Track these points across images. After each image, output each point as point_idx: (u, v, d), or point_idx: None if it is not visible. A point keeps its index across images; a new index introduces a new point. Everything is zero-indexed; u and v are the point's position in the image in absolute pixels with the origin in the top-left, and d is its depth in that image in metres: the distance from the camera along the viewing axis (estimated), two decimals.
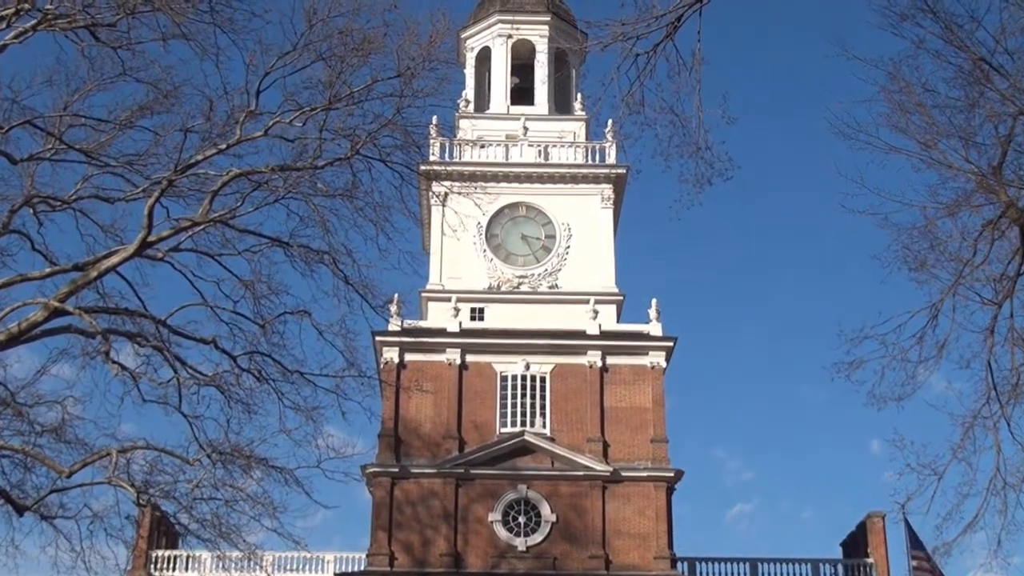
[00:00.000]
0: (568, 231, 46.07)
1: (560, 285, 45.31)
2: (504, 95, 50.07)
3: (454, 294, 44.26)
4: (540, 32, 50.59)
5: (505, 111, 49.60)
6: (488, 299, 44.88)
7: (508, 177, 46.56)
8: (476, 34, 51.62)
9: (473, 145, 47.29)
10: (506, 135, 48.18)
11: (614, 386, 43.26)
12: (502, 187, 45.90)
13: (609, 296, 44.97)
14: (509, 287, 45.18)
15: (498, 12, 51.02)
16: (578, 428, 42.60)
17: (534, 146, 47.55)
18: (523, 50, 51.06)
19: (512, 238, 46.08)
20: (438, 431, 42.39)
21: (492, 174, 46.11)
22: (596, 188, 46.68)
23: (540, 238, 46.18)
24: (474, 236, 45.14)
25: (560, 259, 45.67)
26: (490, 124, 48.87)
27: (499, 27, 50.79)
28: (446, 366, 43.10)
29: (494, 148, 47.52)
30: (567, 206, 46.46)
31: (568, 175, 46.76)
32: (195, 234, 25.57)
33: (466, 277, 45.23)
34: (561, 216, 46.31)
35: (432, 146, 45.71)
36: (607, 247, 45.86)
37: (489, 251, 45.60)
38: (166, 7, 22.71)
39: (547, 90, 49.78)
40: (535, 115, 49.19)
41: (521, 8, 51.18)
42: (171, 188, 24.78)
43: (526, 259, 45.83)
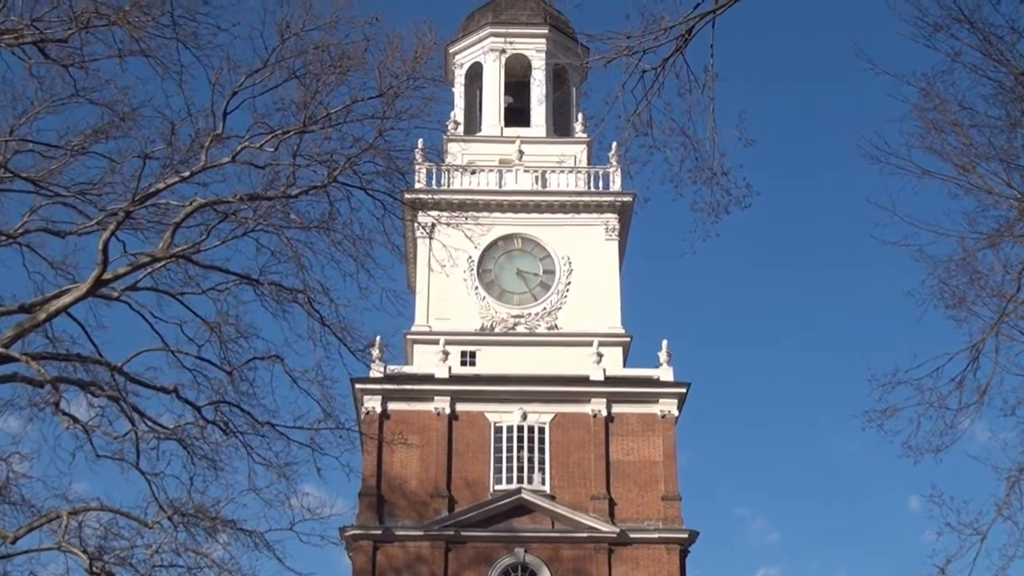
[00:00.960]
0: (568, 265, 46.11)
1: (560, 325, 45.29)
2: (497, 116, 50.24)
3: (442, 336, 44.22)
4: (537, 46, 50.86)
5: (498, 133, 49.76)
6: (480, 341, 44.83)
7: (502, 206, 46.64)
8: (466, 49, 51.88)
9: (463, 171, 47.41)
10: (500, 160, 48.30)
11: (621, 437, 43.14)
12: (495, 217, 45.97)
13: (615, 337, 44.94)
14: (504, 328, 45.14)
15: (490, 24, 51.28)
16: (581, 485, 42.44)
17: (530, 172, 47.66)
18: (518, 66, 51.30)
19: (507, 274, 46.10)
20: (425, 489, 42.21)
21: (484, 203, 46.19)
22: (600, 218, 46.76)
23: (538, 273, 46.20)
24: (464, 272, 45.16)
25: (560, 297, 45.68)
26: (482, 148, 49.02)
27: (491, 41, 51.06)
28: (434, 416, 43.00)
29: (486, 174, 47.62)
30: (567, 238, 46.53)
31: (568, 204, 46.86)
32: (155, 271, 25.56)
33: (456, 317, 45.20)
34: (561, 249, 46.36)
35: (418, 172, 45.82)
36: (612, 283, 45.89)
37: (481, 288, 45.61)
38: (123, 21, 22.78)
39: (545, 110, 49.98)
40: (531, 137, 49.34)
41: (515, 20, 51.47)
42: (128, 220, 24.76)
43: (522, 297, 45.84)
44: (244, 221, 25.72)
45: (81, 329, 25.64)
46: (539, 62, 50.33)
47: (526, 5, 52.40)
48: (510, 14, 51.92)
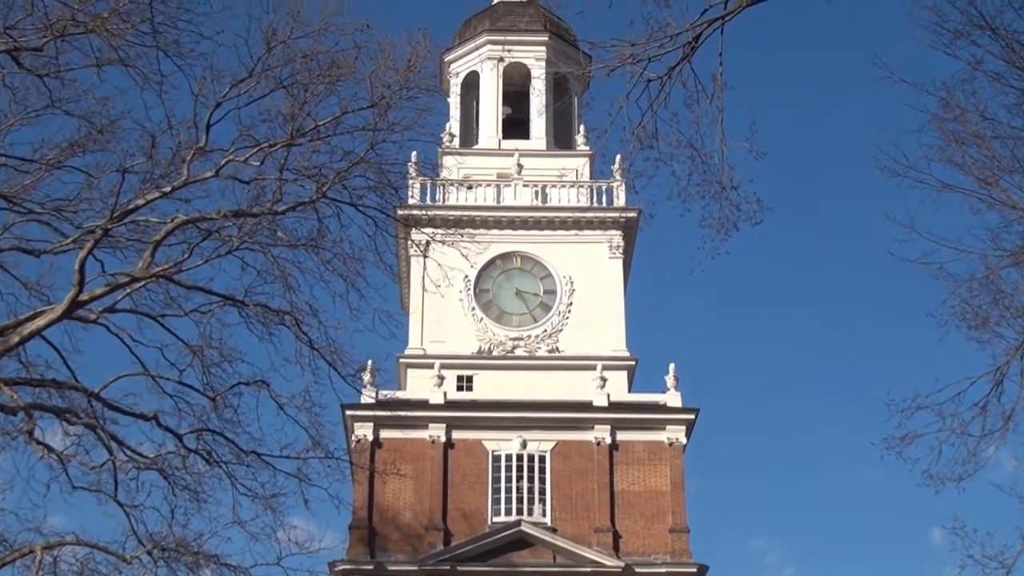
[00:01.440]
0: (571, 285, 46.12)
1: (562, 348, 45.27)
2: (495, 127, 50.32)
3: (438, 360, 44.18)
4: (536, 54, 50.97)
5: (496, 146, 49.83)
6: (478, 365, 44.79)
7: (500, 223, 46.68)
8: (462, 57, 51.99)
9: (459, 186, 47.43)
10: (497, 174, 48.35)
11: (626, 466, 43.08)
12: (493, 234, 46.01)
13: (619, 361, 44.92)
14: (502, 351, 45.12)
15: (487, 32, 51.40)
16: (584, 516, 42.34)
17: (530, 186, 47.72)
18: (516, 75, 51.40)
19: (505, 294, 46.11)
20: (419, 521, 42.11)
21: (481, 219, 46.22)
22: (603, 235, 46.79)
23: (538, 294, 46.21)
24: (461, 292, 45.17)
25: (562, 318, 45.67)
26: (479, 161, 49.09)
27: (488, 49, 51.17)
28: (429, 444, 42.94)
29: (483, 189, 47.67)
30: (569, 256, 46.55)
31: (570, 220, 46.89)
32: (134, 292, 25.53)
33: (452, 340, 45.18)
34: (562, 268, 46.38)
35: (411, 187, 45.83)
36: (617, 303, 45.89)
37: (478, 309, 45.61)
38: (101, 28, 22.80)
39: (545, 121, 50.04)
40: (531, 150, 49.41)
41: (514, 27, 51.57)
42: (106, 238, 24.75)
43: (522, 318, 45.83)
44: (228, 239, 25.70)
45: (56, 353, 25.59)
46: (539, 71, 50.42)
47: (525, 11, 52.54)
48: (508, 21, 52.03)
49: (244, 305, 26.32)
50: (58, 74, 23.98)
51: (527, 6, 52.97)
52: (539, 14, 51.85)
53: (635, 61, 17.91)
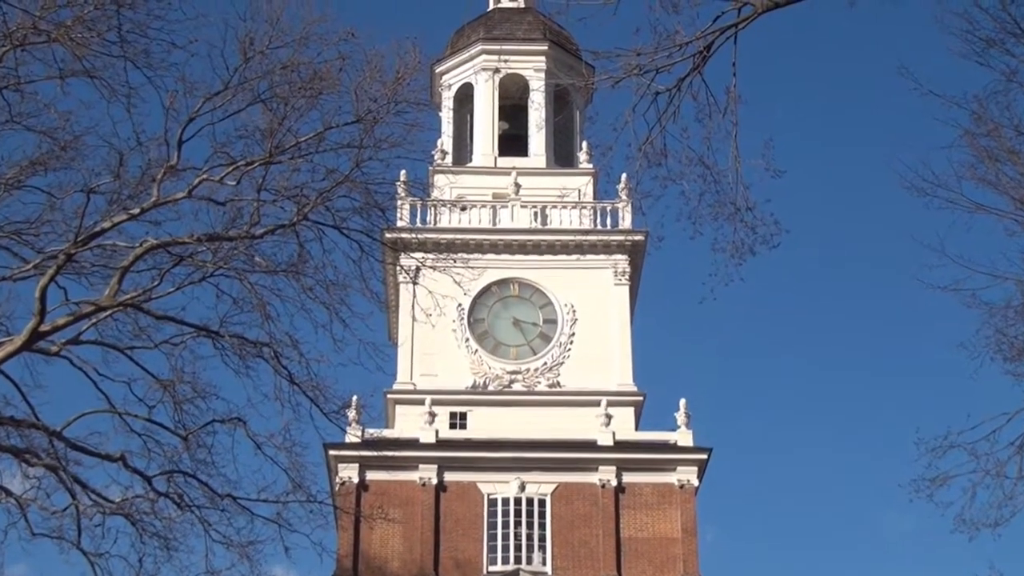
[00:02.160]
0: (572, 314, 46.12)
1: (563, 383, 45.25)
2: (490, 144, 50.41)
3: (429, 395, 44.14)
4: (535, 64, 51.09)
5: (492, 164, 49.91)
6: (472, 401, 44.75)
7: (496, 247, 46.73)
8: (454, 68, 52.11)
9: (451, 207, 47.52)
10: (493, 194, 48.42)
11: (633, 511, 42.98)
12: (488, 259, 46.03)
13: (626, 396, 44.89)
14: (498, 385, 45.09)
15: (482, 40, 51.56)
16: (588, 564, 42.23)
17: (528, 207, 47.79)
18: (514, 88, 51.52)
19: (502, 324, 46.10)
20: (409, 570, 41.97)
21: (476, 243, 46.27)
22: (607, 260, 46.84)
23: (537, 323, 46.21)
24: (454, 322, 45.15)
25: (563, 350, 45.66)
26: (473, 180, 49.15)
27: (483, 59, 51.29)
28: (419, 487, 42.86)
29: (478, 210, 47.73)
30: (571, 283, 46.57)
31: (572, 244, 46.94)
32: (100, 322, 25.52)
33: (444, 374, 45.14)
34: (564, 295, 46.39)
35: (400, 209, 45.87)
36: (622, 333, 45.88)
37: (473, 340, 45.59)
38: (64, 37, 22.87)
39: (544, 137, 50.13)
40: (529, 168, 49.49)
41: (511, 35, 51.73)
42: (70, 264, 24.75)
43: (520, 350, 45.81)
44: (202, 265, 25.72)
45: (15, 388, 25.57)
46: (538, 83, 50.47)
47: (522, 19, 52.70)
48: (505, 28, 52.19)
49: (219, 336, 26.32)
50: (18, 86, 24.03)
51: (525, 13, 53.14)
52: (538, 21, 51.97)
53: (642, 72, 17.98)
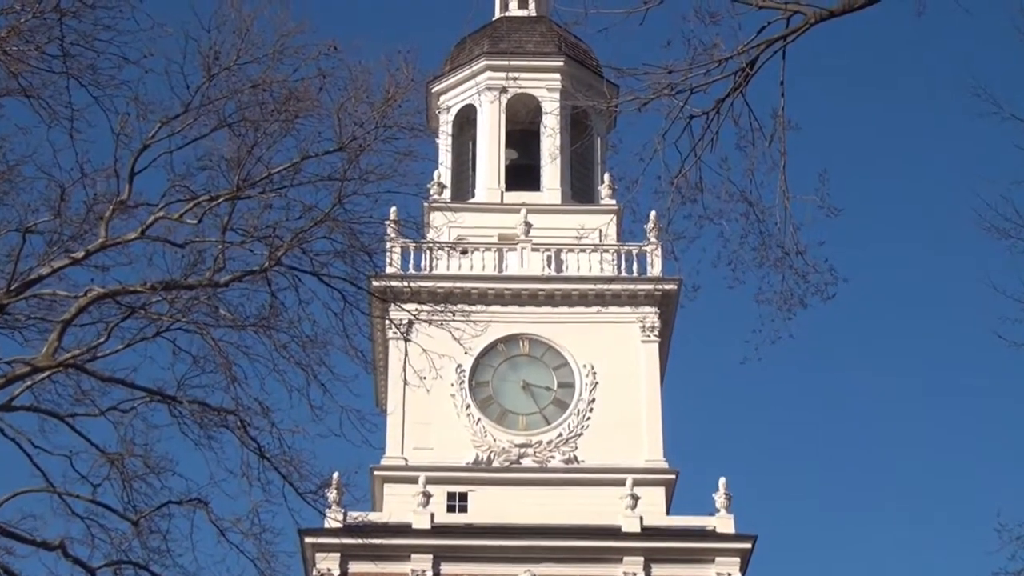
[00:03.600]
0: (592, 377, 46.08)
1: (582, 458, 45.17)
2: (496, 176, 50.52)
3: (423, 472, 44.06)
4: (549, 83, 51.24)
5: (498, 200, 50.02)
6: (474, 479, 44.68)
7: (502, 297, 46.76)
8: (454, 87, 52.28)
9: (450, 250, 47.55)
10: (499, 235, 48.48)
11: None
12: (494, 312, 46.06)
13: (655, 474, 44.80)
14: (505, 461, 45.02)
15: (486, 55, 51.68)
16: None
17: (541, 251, 47.85)
18: (523, 110, 51.68)
19: (509, 388, 46.06)
20: None
21: (479, 293, 46.31)
22: (634, 313, 46.84)
23: (551, 387, 46.17)
24: (452, 386, 45.12)
25: (581, 418, 45.60)
26: (476, 219, 49.21)
27: (488, 77, 51.42)
28: None
29: (481, 254, 47.80)
30: (591, 340, 46.57)
31: (592, 294, 46.96)
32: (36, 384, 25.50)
33: (441, 447, 45.08)
34: (582, 355, 46.36)
35: (389, 252, 45.85)
36: (651, 400, 45.83)
37: (475, 408, 45.54)
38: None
39: (559, 168, 50.22)
40: (542, 205, 49.58)
41: (520, 49, 51.88)
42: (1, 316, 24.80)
43: (530, 419, 45.75)
44: (156, 318, 25.73)
45: None
46: (552, 104, 50.54)
47: (534, 29, 52.92)
48: (513, 41, 52.36)
49: (176, 402, 26.27)
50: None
51: (536, 23, 53.35)
52: (552, 33, 52.14)
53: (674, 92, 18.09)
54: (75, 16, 23.74)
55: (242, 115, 25.81)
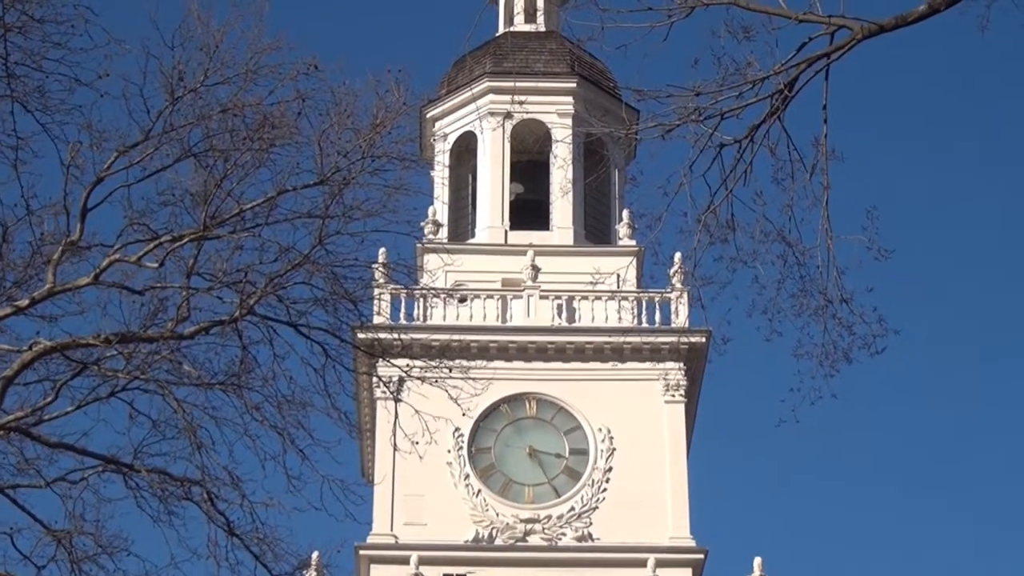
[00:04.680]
0: (609, 442, 46.01)
1: (597, 535, 45.08)
2: (499, 213, 50.56)
3: (415, 551, 43.97)
4: (559, 107, 51.31)
5: (501, 240, 50.04)
6: (474, 560, 44.58)
7: (506, 352, 46.74)
8: (452, 112, 52.32)
9: (447, 297, 47.48)
10: (503, 280, 48.49)
11: None
12: (496, 368, 45.99)
13: (681, 553, 44.71)
14: (510, 539, 44.93)
15: (489, 76, 51.71)
16: None
17: (550, 298, 47.84)
18: (531, 138, 51.73)
19: (514, 455, 46.00)
20: None
21: (479, 346, 46.29)
22: (656, 369, 46.80)
23: (562, 454, 46.11)
24: (449, 452, 45.06)
25: (596, 490, 45.52)
26: (476, 262, 49.20)
27: (490, 101, 51.45)
28: None
29: (483, 302, 47.79)
30: (607, 400, 46.53)
31: (608, 348, 46.94)
32: None
33: (436, 523, 44.97)
34: (598, 417, 46.31)
35: (377, 300, 45.91)
36: (676, 468, 45.75)
37: (475, 477, 45.47)
38: None
39: (571, 204, 50.26)
40: (551, 246, 49.62)
41: (527, 68, 51.93)
42: None
43: (538, 491, 45.68)
44: (111, 375, 25.69)
45: None
46: (563, 132, 50.53)
47: (542, 46, 53.01)
48: (519, 59, 52.42)
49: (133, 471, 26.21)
50: None
51: (546, 39, 53.41)
52: (563, 50, 52.26)
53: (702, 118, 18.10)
54: (20, 32, 23.81)
55: (210, 143, 25.81)
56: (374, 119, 26.53)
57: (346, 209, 26.26)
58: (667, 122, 18.28)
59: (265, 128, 25.91)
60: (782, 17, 18.31)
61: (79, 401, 25.79)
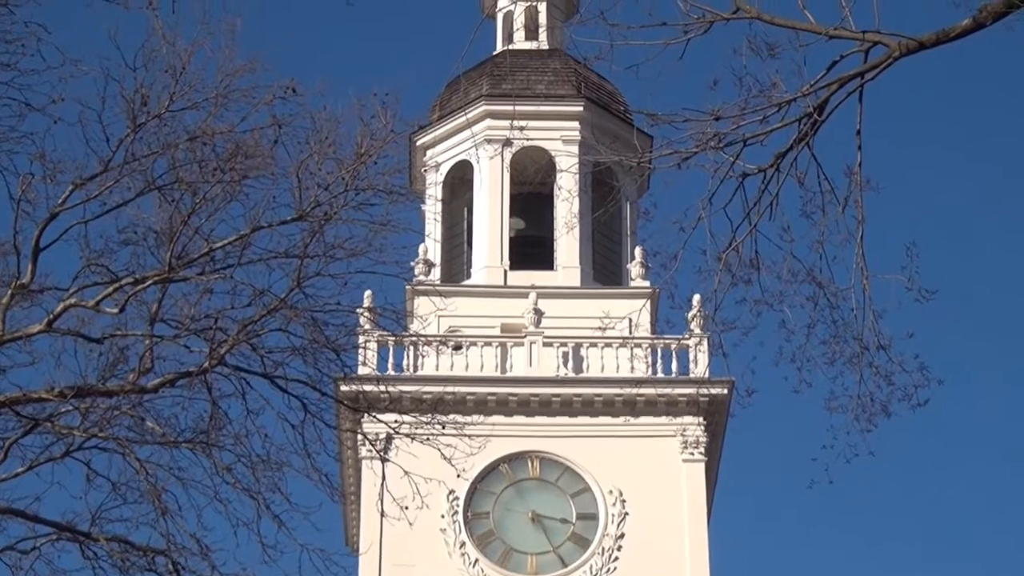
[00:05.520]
0: (621, 506, 45.97)
1: None
2: (498, 251, 50.56)
3: None
4: (565, 133, 51.32)
5: (500, 281, 50.04)
6: None
7: (507, 405, 46.73)
8: (445, 139, 52.34)
9: (439, 345, 47.47)
10: (502, 326, 48.50)
11: None
12: (495, 424, 45.95)
13: None
14: None
15: (485, 99, 51.67)
16: None
17: (555, 346, 47.83)
18: (532, 168, 51.72)
19: (515, 521, 45.95)
20: None
21: (476, 400, 46.28)
22: (673, 424, 46.80)
23: (568, 519, 46.06)
24: (443, 518, 45.03)
25: (607, 560, 45.48)
26: (472, 305, 49.18)
27: (488, 127, 51.46)
28: None
29: (480, 350, 47.79)
30: (619, 459, 46.53)
31: (620, 401, 46.93)
32: None
33: None
34: (608, 477, 46.28)
35: (363, 349, 45.84)
36: (696, 534, 45.71)
37: (471, 546, 45.42)
38: None
39: (578, 241, 50.27)
40: (556, 288, 49.63)
41: (529, 90, 51.94)
42: None
43: (542, 560, 45.63)
44: (66, 432, 25.68)
45: None
46: (568, 160, 50.59)
47: (545, 65, 53.07)
48: (519, 80, 52.49)
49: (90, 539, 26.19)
50: None
51: (549, 58, 53.46)
52: (568, 70, 52.31)
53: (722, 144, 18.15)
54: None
55: (176, 175, 25.85)
56: (358, 148, 26.57)
57: (327, 248, 26.29)
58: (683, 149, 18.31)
59: (237, 158, 25.93)
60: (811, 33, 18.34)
61: (30, 461, 25.79)
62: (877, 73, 17.96)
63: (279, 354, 26.28)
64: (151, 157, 25.74)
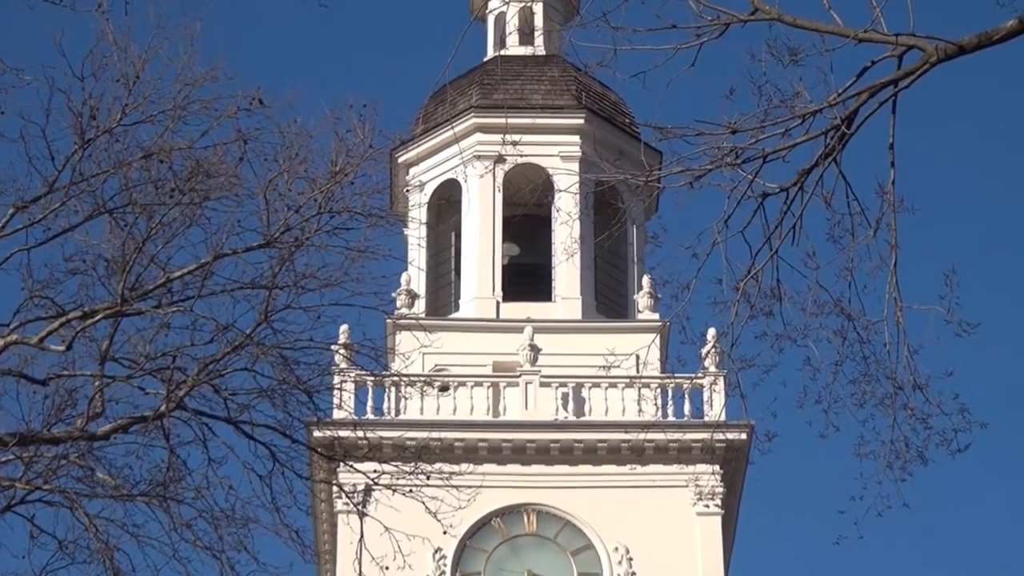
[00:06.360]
0: (628, 564, 46.01)
1: None
2: (489, 280, 50.56)
3: None
4: (564, 148, 51.37)
5: (492, 314, 50.06)
6: None
7: (500, 453, 46.75)
8: (430, 156, 52.36)
9: (424, 386, 47.44)
10: (494, 364, 48.53)
11: None
12: (486, 474, 45.97)
13: None
14: None
15: (475, 111, 51.67)
16: None
17: (553, 386, 47.82)
18: (528, 188, 51.73)
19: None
20: None
21: (465, 447, 46.31)
22: (686, 473, 46.83)
23: None
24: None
25: None
26: (461, 341, 49.23)
27: (478, 142, 51.49)
28: None
29: (469, 391, 47.78)
30: (625, 512, 46.56)
31: (626, 447, 46.93)
32: None
33: None
34: (613, 533, 46.30)
35: (338, 391, 45.76)
36: None
37: None
38: None
39: (579, 268, 50.26)
40: (554, 322, 49.67)
41: (523, 101, 51.97)
42: None
43: None
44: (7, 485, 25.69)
45: None
46: (568, 179, 50.53)
47: (542, 73, 53.11)
48: (513, 90, 52.53)
49: None
50: None
51: (545, 65, 53.48)
52: (567, 78, 52.37)
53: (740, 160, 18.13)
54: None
55: (129, 197, 25.86)
56: (333, 166, 26.59)
57: (298, 277, 26.31)
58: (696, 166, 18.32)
59: (198, 177, 25.94)
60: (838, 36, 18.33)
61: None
62: (912, 81, 17.96)
63: (245, 396, 26.30)
64: (101, 176, 25.76)
